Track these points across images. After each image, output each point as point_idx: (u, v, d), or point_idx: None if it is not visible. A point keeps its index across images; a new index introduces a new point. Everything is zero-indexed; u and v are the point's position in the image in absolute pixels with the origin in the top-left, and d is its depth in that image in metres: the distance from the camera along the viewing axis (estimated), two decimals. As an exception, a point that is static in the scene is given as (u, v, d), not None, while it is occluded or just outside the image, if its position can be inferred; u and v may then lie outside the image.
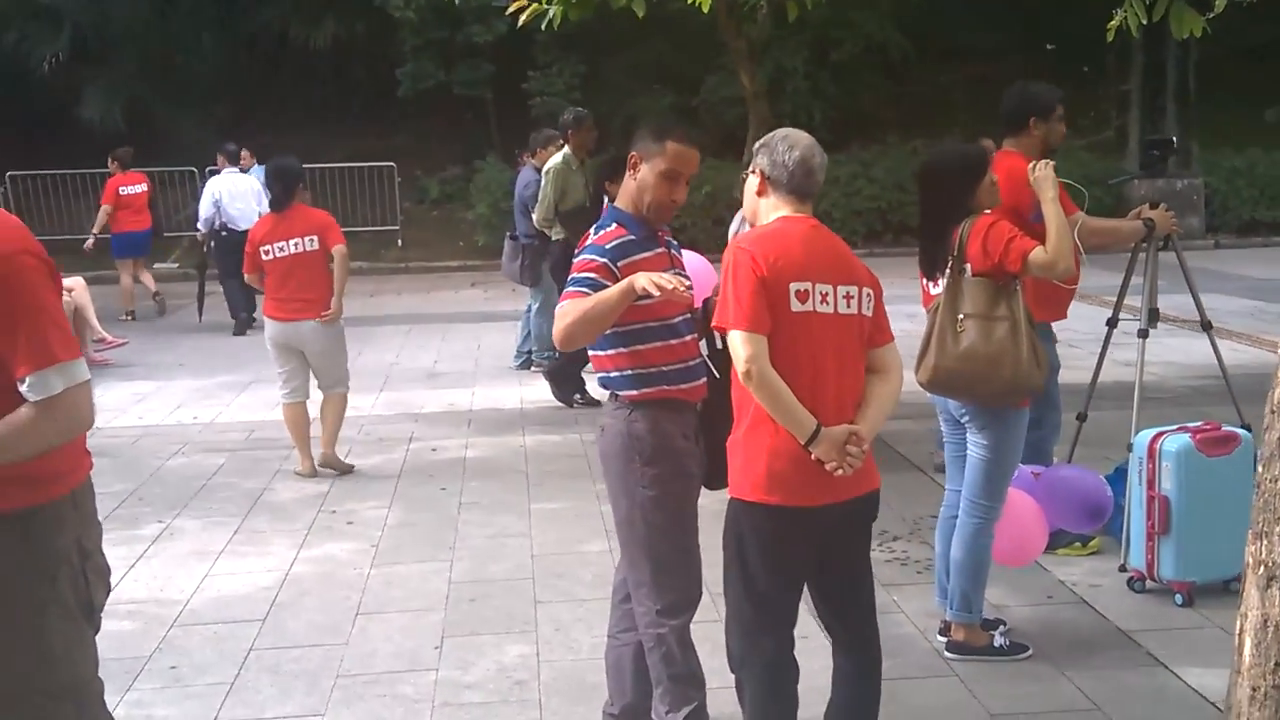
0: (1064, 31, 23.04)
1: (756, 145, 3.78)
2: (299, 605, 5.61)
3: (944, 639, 4.86)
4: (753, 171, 3.77)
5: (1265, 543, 3.40)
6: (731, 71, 22.02)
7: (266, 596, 5.69)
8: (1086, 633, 5.06)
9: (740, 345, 3.48)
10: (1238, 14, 8.50)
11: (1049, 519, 5.09)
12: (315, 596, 5.71)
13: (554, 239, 9.59)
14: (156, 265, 17.32)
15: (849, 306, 3.62)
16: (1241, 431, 5.35)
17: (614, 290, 3.68)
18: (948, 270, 4.62)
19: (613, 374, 3.99)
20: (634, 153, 3.99)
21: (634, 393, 3.95)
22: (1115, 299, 6.04)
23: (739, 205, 7.32)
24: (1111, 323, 6.03)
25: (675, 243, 4.19)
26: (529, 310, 11.09)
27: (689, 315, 4.04)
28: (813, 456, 3.50)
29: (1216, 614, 5.13)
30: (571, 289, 3.80)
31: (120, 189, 14.47)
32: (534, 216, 9.99)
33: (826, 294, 3.58)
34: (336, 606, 5.57)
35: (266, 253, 7.56)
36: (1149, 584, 5.38)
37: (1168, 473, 5.22)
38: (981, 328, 4.53)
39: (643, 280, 3.55)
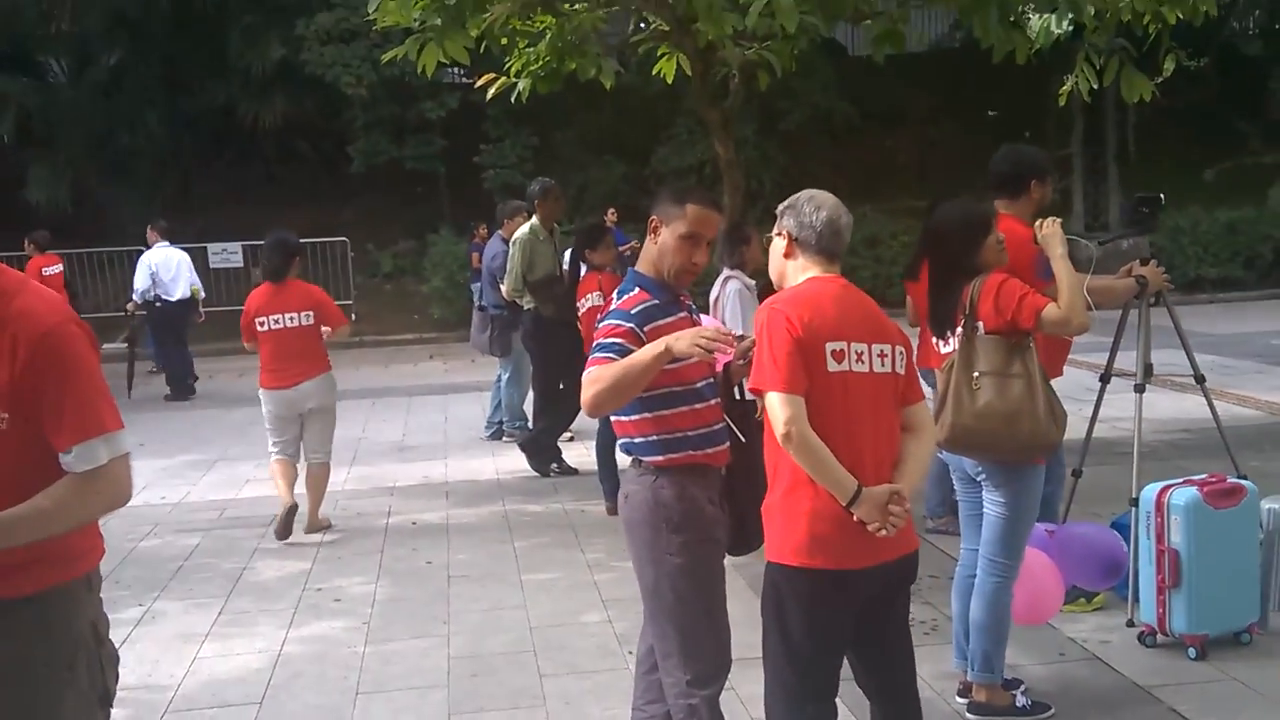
0: (1000, 96, 23.55)
1: (781, 207, 3.75)
2: (295, 686, 5.44)
3: (965, 700, 4.79)
4: (778, 234, 3.73)
5: None
6: (682, 141, 22.44)
7: (260, 679, 5.51)
8: (1104, 690, 5.01)
9: (779, 407, 3.42)
10: (1175, 77, 8.68)
11: (1065, 576, 5.06)
12: (311, 677, 5.53)
13: (525, 308, 9.52)
14: (106, 345, 17.05)
15: (883, 365, 3.58)
16: (1246, 483, 5.36)
17: (646, 354, 3.62)
18: (958, 329, 4.61)
19: (637, 440, 3.93)
20: (654, 217, 3.97)
21: (660, 458, 3.89)
22: (1107, 356, 6.06)
23: (715, 272, 7.38)
24: (1104, 378, 6.05)
25: (694, 306, 4.15)
26: (499, 380, 11.02)
27: (711, 380, 4.00)
28: (855, 518, 3.44)
29: (1231, 667, 5.12)
30: (599, 354, 3.74)
31: (42, 270, 14.51)
32: (503, 287, 9.92)
33: (861, 353, 3.54)
34: (334, 687, 5.41)
35: (262, 324, 7.74)
36: (1160, 638, 5.34)
37: (1177, 526, 5.20)
38: (997, 385, 4.50)
39: (684, 342, 3.49)
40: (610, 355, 3.71)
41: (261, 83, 21.71)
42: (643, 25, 9.32)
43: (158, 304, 14.37)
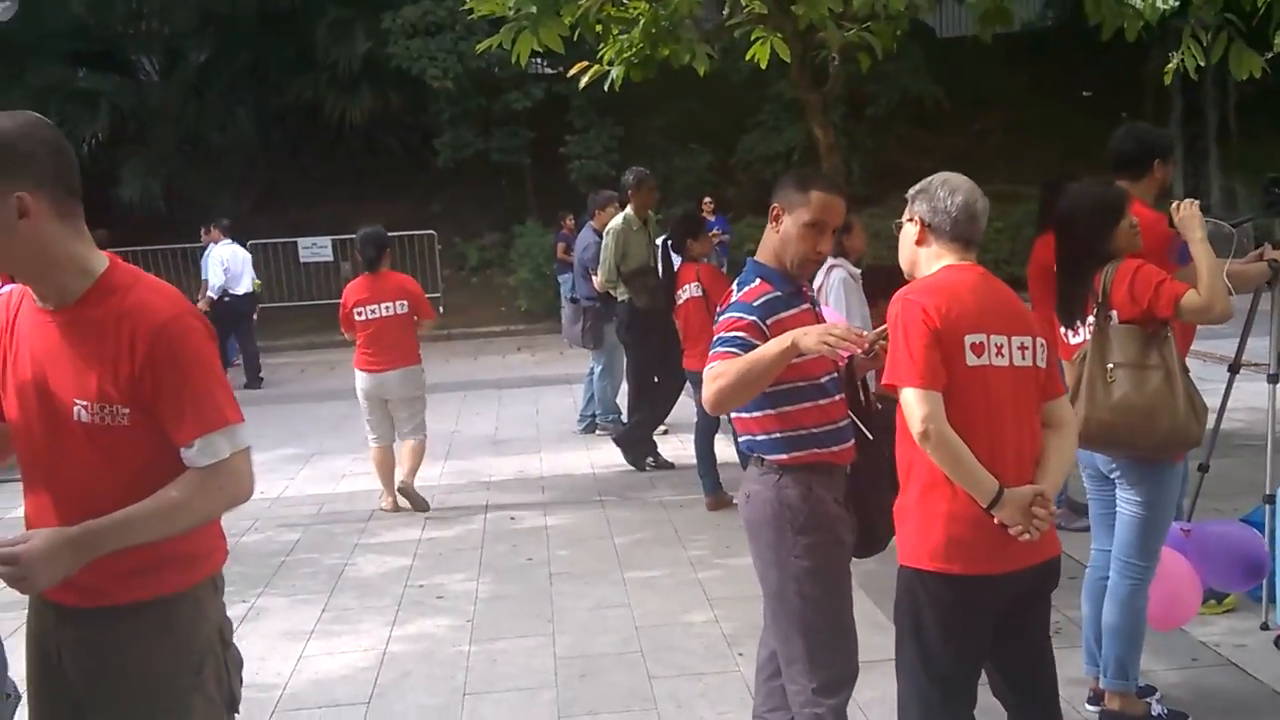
0: (1094, 76, 23.06)
1: (913, 191, 3.58)
2: (403, 686, 5.39)
3: (1096, 708, 4.61)
4: (910, 219, 3.56)
5: None
6: (769, 129, 22.24)
7: (367, 678, 5.46)
8: (1241, 696, 4.81)
9: (916, 404, 3.27)
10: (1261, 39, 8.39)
11: (1203, 578, 4.85)
12: (418, 676, 5.48)
13: (619, 300, 9.41)
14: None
15: (1024, 358, 3.41)
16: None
17: (772, 349, 3.48)
18: (1090, 318, 4.41)
19: (759, 437, 3.81)
20: (776, 204, 3.84)
21: (784, 457, 3.77)
22: (1238, 344, 5.80)
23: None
24: (1234, 368, 5.79)
25: (815, 297, 4.00)
26: (591, 373, 10.93)
27: (835, 374, 3.86)
28: (995, 521, 3.28)
29: None
30: (720, 349, 3.61)
31: None
32: (596, 279, 9.83)
33: (1001, 346, 3.38)
34: (442, 686, 5.35)
35: (359, 314, 8.28)
36: (1299, 642, 5.12)
37: (1318, 524, 4.99)
38: (1134, 377, 4.30)
39: (812, 338, 3.33)
40: (733, 350, 3.58)
41: (348, 78, 21.86)
42: (740, 8, 9.15)
43: (225, 298, 14.92)
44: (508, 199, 22.67)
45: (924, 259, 3.53)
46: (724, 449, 8.19)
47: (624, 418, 10.33)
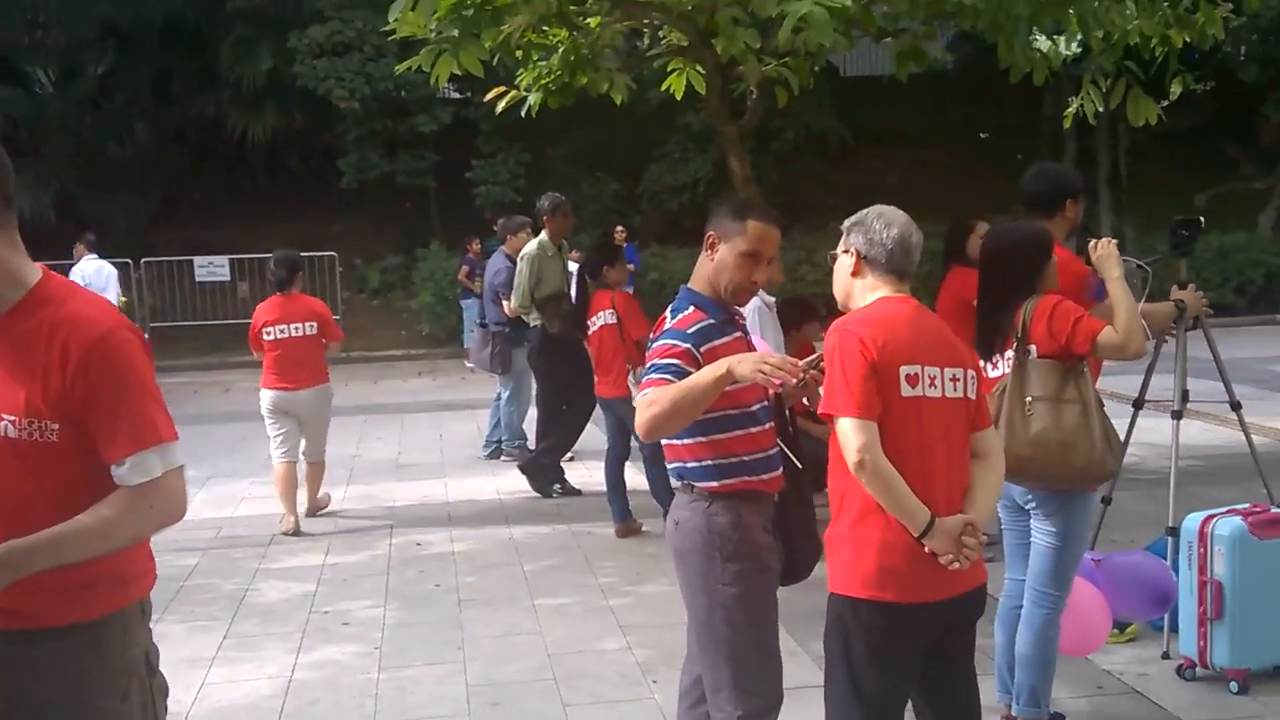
0: (992, 119, 23.68)
1: (848, 223, 3.61)
2: (310, 714, 5.29)
3: None
4: (845, 251, 3.59)
5: None
6: (675, 159, 22.43)
7: (273, 706, 5.34)
8: None
9: (852, 434, 3.29)
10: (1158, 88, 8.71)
11: (1113, 607, 4.95)
12: (325, 705, 5.38)
13: (531, 325, 9.39)
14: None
15: (955, 390, 3.47)
16: (1293, 516, 5.27)
17: (706, 376, 3.49)
18: (1009, 353, 4.49)
19: (690, 464, 3.81)
20: (711, 232, 3.85)
21: (715, 484, 3.78)
22: (1142, 380, 5.95)
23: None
24: (1138, 404, 5.94)
25: (746, 326, 4.02)
26: (498, 398, 10.89)
27: (765, 403, 3.87)
28: (926, 549, 3.32)
29: (1276, 702, 5.04)
30: (655, 375, 3.61)
31: None
32: (508, 304, 9.80)
33: (935, 377, 3.43)
34: (350, 715, 5.26)
35: (268, 334, 8.38)
36: (1199, 671, 5.24)
37: (1220, 556, 5.12)
38: (1052, 411, 4.39)
39: (747, 366, 3.35)
40: (666, 376, 3.58)
41: (251, 95, 21.76)
42: (658, 40, 9.23)
43: None
44: (411, 222, 22.56)
45: (859, 290, 3.55)
46: (633, 476, 8.22)
47: (530, 444, 10.30)
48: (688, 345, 3.66)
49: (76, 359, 2.57)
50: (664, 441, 3.85)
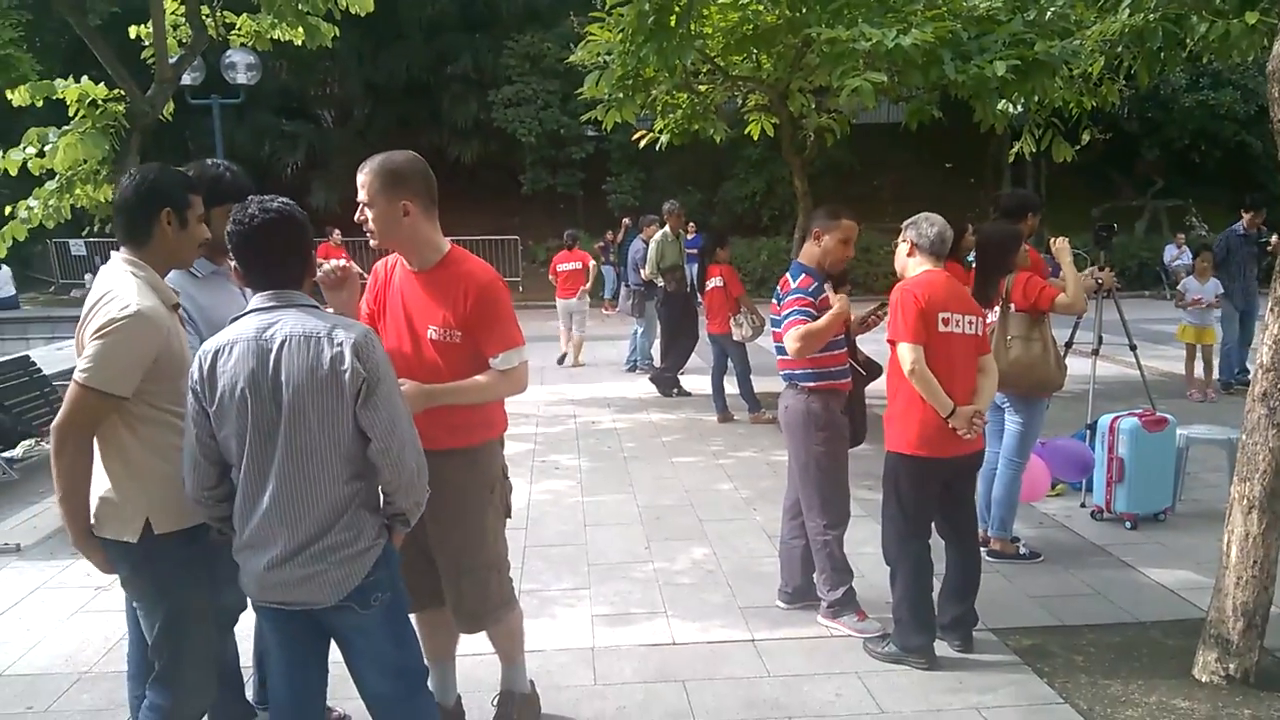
0: (954, 154, 23.24)
1: (906, 224, 3.82)
2: (545, 519, 5.61)
3: (984, 549, 4.85)
4: (903, 240, 3.83)
5: (1247, 485, 3.45)
6: (740, 179, 22.31)
7: (519, 514, 5.65)
8: (1073, 547, 5.08)
9: (908, 353, 3.56)
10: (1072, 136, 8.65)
11: (1052, 472, 5.14)
12: (554, 515, 5.72)
13: (659, 285, 9.64)
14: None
15: (970, 328, 3.70)
16: (1170, 416, 5.41)
17: (832, 318, 3.79)
18: (997, 308, 4.68)
19: (797, 371, 4.02)
20: (816, 228, 4.04)
21: (812, 384, 4.00)
22: (1070, 330, 6.06)
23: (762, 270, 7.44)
24: (1068, 346, 6.06)
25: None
26: (635, 333, 11.14)
27: (842, 335, 4.10)
28: (950, 426, 3.58)
29: (1153, 534, 5.19)
30: (796, 317, 3.83)
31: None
32: (643, 271, 10.08)
33: (958, 320, 3.66)
34: (570, 520, 5.58)
35: (561, 269, 9.55)
36: (1105, 515, 5.41)
37: (1123, 442, 5.27)
38: (1023, 346, 4.59)
39: (850, 311, 3.66)
40: (803, 317, 3.82)
41: (463, 132, 21.86)
42: (745, 100, 9.36)
43: None
44: (566, 218, 22.75)
45: (911, 265, 3.78)
46: (728, 384, 8.46)
47: (656, 363, 10.60)
48: (812, 298, 3.90)
49: (473, 296, 2.82)
50: (779, 357, 4.10)
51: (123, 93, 6.50)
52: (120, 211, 2.54)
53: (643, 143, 9.41)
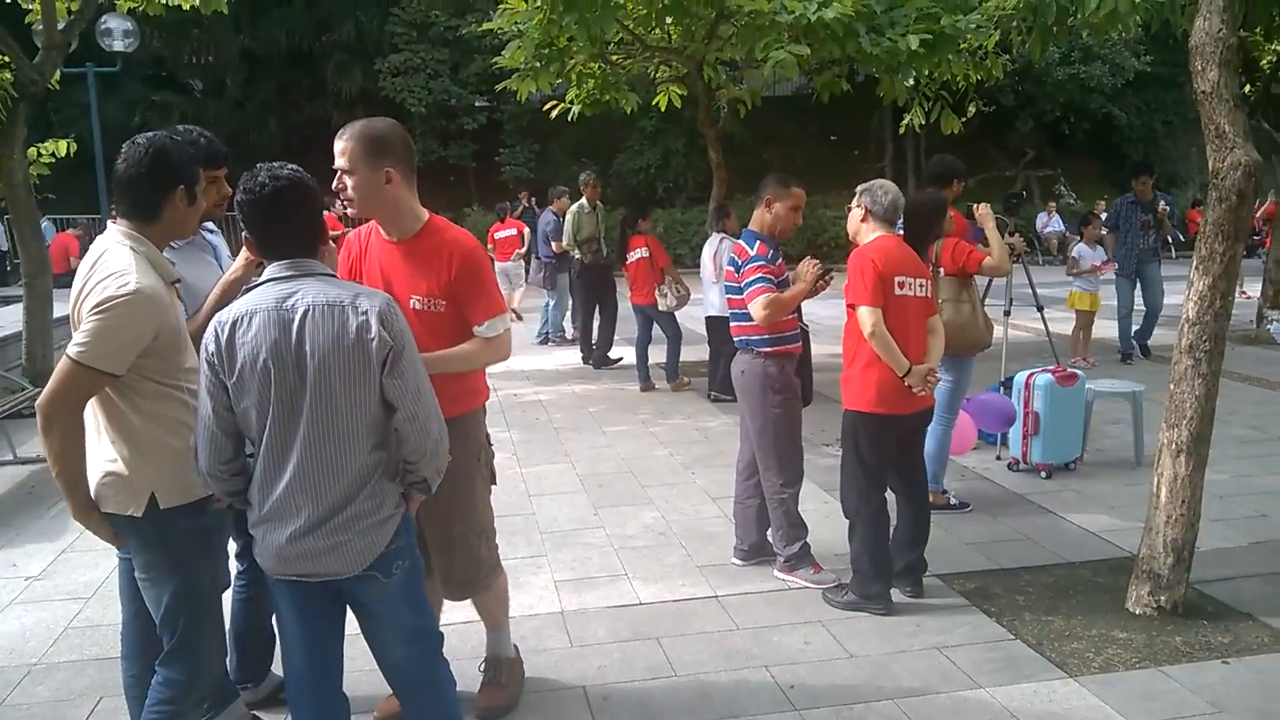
0: (839, 126, 23.91)
1: (860, 189, 3.96)
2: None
3: None
4: (857, 205, 3.97)
5: (1175, 431, 3.72)
6: (635, 151, 22.37)
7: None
8: (997, 496, 5.35)
9: (867, 315, 3.72)
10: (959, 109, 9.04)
11: (978, 424, 5.43)
12: (499, 486, 5.66)
13: (574, 257, 9.65)
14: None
15: (921, 291, 3.88)
16: (1079, 372, 5.77)
17: (798, 290, 3.92)
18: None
19: (753, 337, 4.12)
20: (768, 195, 4.13)
21: (769, 349, 4.10)
22: (983, 290, 6.37)
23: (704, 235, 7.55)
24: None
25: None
26: (546, 305, 11.13)
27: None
28: (905, 384, 3.77)
29: (1066, 482, 5.53)
30: (760, 284, 3.93)
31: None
32: (556, 243, 10.08)
33: (910, 283, 3.83)
34: (513, 491, 5.54)
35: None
36: (1022, 466, 5.72)
37: (1038, 397, 5.58)
38: (953, 308, 4.81)
39: (814, 280, 3.80)
40: (766, 285, 3.93)
41: (348, 101, 21.16)
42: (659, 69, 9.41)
43: None
44: (458, 190, 22.40)
45: (865, 230, 3.93)
46: (652, 354, 8.53)
47: (566, 335, 10.64)
48: (769, 265, 4.01)
49: (458, 264, 2.82)
50: (734, 323, 4.17)
51: (9, 60, 6.08)
52: (128, 188, 2.43)
53: (554, 113, 9.36)
